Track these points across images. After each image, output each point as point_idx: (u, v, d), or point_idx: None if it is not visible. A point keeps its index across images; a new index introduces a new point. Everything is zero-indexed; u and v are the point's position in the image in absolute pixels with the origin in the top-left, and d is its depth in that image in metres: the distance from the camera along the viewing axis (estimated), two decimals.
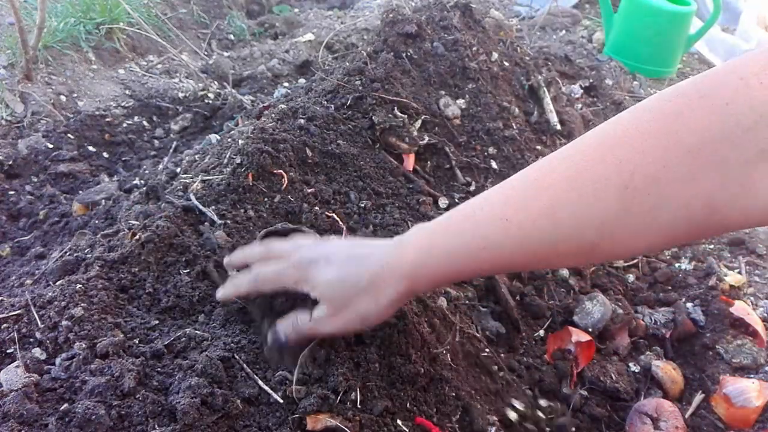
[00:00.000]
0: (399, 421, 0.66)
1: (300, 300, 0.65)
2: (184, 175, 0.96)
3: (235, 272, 0.71)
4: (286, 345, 0.65)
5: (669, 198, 0.46)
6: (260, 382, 0.64)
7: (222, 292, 0.69)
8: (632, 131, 0.48)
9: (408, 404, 0.68)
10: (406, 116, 1.12)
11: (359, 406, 0.64)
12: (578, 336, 0.96)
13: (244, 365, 0.65)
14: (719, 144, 0.44)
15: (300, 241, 0.68)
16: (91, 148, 1.40)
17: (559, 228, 0.50)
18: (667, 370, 0.97)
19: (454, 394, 0.73)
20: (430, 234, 0.58)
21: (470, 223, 0.55)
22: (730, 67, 0.46)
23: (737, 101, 0.43)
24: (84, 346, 0.63)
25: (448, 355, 0.77)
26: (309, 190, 0.95)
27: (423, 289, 0.69)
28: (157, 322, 0.72)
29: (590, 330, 0.99)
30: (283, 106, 1.10)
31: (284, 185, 0.92)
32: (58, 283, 0.73)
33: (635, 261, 1.21)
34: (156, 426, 0.57)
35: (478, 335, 0.89)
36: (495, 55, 1.35)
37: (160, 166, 1.20)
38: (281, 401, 0.62)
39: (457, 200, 1.13)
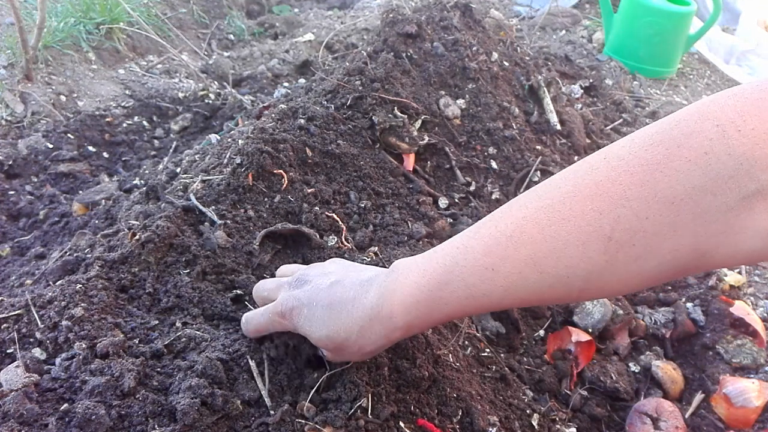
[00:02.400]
0: (402, 424, 0.66)
1: None
2: (184, 175, 0.96)
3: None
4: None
5: (653, 248, 0.46)
6: (264, 391, 0.64)
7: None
8: (609, 183, 0.47)
9: (412, 407, 0.68)
10: (406, 116, 1.12)
11: (370, 416, 0.64)
12: (578, 336, 0.96)
13: (252, 364, 0.65)
14: (701, 194, 0.43)
15: (282, 280, 0.68)
16: (91, 148, 1.40)
17: (544, 277, 0.50)
18: (667, 370, 0.97)
19: (455, 395, 0.73)
20: (414, 286, 0.57)
21: (454, 274, 0.54)
22: (704, 111, 0.45)
23: (715, 150, 0.43)
24: (84, 346, 0.63)
25: (450, 355, 0.77)
26: (309, 190, 0.95)
27: (418, 333, 0.72)
28: (157, 322, 0.72)
29: (590, 330, 0.99)
30: (283, 106, 1.10)
31: (284, 185, 0.92)
32: (58, 283, 0.73)
33: None
34: (156, 426, 0.57)
35: (478, 335, 0.89)
36: (495, 55, 1.35)
37: (160, 166, 1.20)
38: (271, 412, 0.62)
39: (457, 200, 1.13)
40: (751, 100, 0.43)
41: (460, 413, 0.72)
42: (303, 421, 0.61)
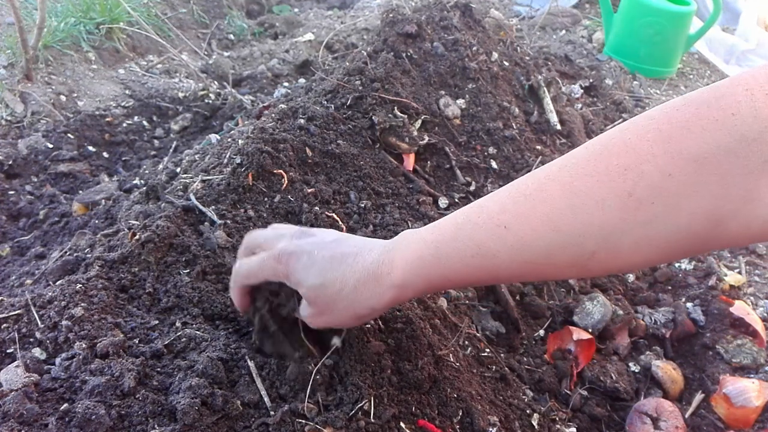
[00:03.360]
0: (402, 424, 0.66)
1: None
2: (184, 175, 0.96)
3: None
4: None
5: (672, 208, 0.46)
6: (263, 393, 0.63)
7: (232, 300, 0.68)
8: (637, 139, 0.47)
9: (413, 408, 0.68)
10: (406, 116, 1.12)
11: (372, 419, 0.64)
12: (578, 335, 0.96)
13: (251, 364, 0.65)
14: (724, 154, 0.44)
15: (281, 230, 0.65)
16: (91, 148, 1.40)
17: (559, 235, 0.49)
18: (667, 370, 0.97)
19: (455, 396, 0.73)
20: (421, 242, 0.56)
21: (464, 230, 0.54)
22: (737, 78, 0.46)
23: (742, 112, 0.43)
24: (84, 346, 0.63)
25: (450, 356, 0.77)
26: (309, 190, 0.95)
27: (410, 297, 0.67)
28: (157, 322, 0.72)
29: (590, 330, 0.99)
30: (283, 106, 1.10)
31: (284, 185, 0.92)
32: (58, 283, 0.73)
33: None
34: (156, 426, 0.57)
35: (478, 335, 0.89)
36: (495, 55, 1.35)
37: (160, 166, 1.20)
38: (272, 413, 0.61)
39: (457, 200, 1.13)
40: None
41: (461, 413, 0.72)
42: (303, 421, 0.61)
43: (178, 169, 1.05)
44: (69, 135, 1.40)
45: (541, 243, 0.50)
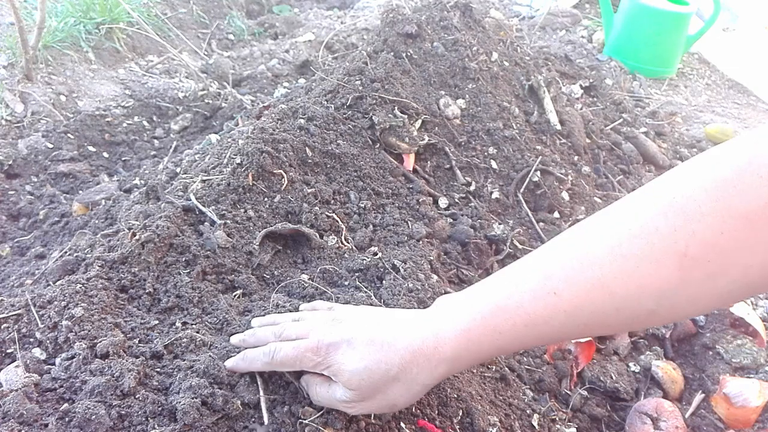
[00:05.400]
0: (403, 425, 0.66)
1: None
2: (184, 175, 0.96)
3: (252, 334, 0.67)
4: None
5: (728, 264, 0.47)
6: (263, 402, 0.63)
7: (232, 364, 0.63)
8: (683, 199, 0.47)
9: (413, 408, 0.68)
10: (406, 116, 1.12)
11: (372, 420, 0.64)
12: None
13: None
14: None
15: (313, 321, 0.63)
16: (91, 148, 1.40)
17: (613, 298, 0.49)
18: (667, 370, 0.97)
19: (455, 396, 0.73)
20: (466, 315, 0.55)
21: (512, 299, 0.52)
22: (761, 133, 0.47)
23: None
24: (84, 346, 0.63)
25: None
26: (309, 190, 0.95)
27: (464, 368, 0.67)
28: (157, 322, 0.72)
29: None
30: (283, 106, 1.10)
31: (284, 185, 0.92)
32: (58, 283, 0.73)
33: None
34: (156, 426, 0.57)
35: None
36: (495, 55, 1.35)
37: (160, 166, 1.20)
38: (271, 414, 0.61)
39: (457, 200, 1.13)
40: None
41: (461, 413, 0.72)
42: (304, 420, 0.61)
43: (178, 169, 1.05)
44: (69, 135, 1.40)
45: (594, 307, 0.50)
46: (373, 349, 0.56)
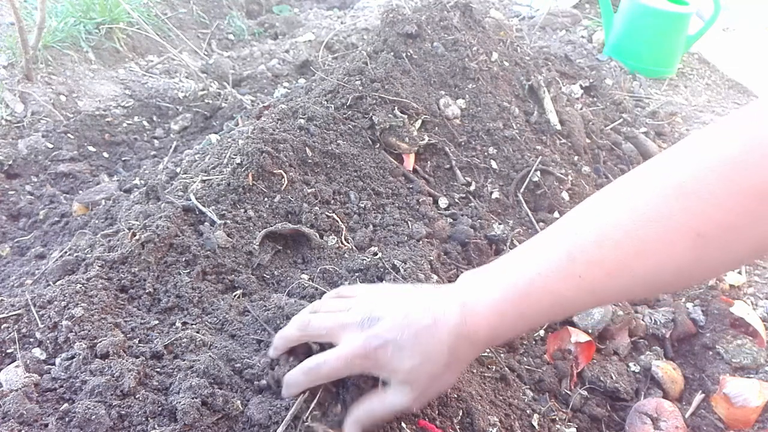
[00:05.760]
0: (403, 424, 0.66)
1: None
2: (184, 175, 0.96)
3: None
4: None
5: (741, 239, 0.49)
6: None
7: (284, 392, 0.62)
8: (693, 180, 0.49)
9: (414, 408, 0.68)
10: (406, 116, 1.12)
11: None
12: (578, 336, 0.96)
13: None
14: None
15: (342, 319, 0.62)
16: (91, 148, 1.40)
17: (635, 279, 0.52)
18: (667, 370, 0.97)
19: (456, 396, 0.73)
20: (497, 298, 0.57)
21: (537, 284, 0.55)
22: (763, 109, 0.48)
23: None
24: (84, 346, 0.63)
25: None
26: (309, 190, 0.95)
27: (499, 343, 0.72)
28: (157, 322, 0.72)
29: (590, 331, 0.99)
30: (283, 106, 1.10)
31: (284, 185, 0.92)
32: (58, 283, 0.73)
33: None
34: (156, 426, 0.57)
35: None
36: (495, 55, 1.35)
37: (160, 166, 1.20)
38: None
39: (456, 200, 1.13)
40: None
41: (461, 413, 0.72)
42: (306, 423, 0.61)
43: (178, 169, 1.05)
44: (69, 135, 1.40)
45: (617, 285, 0.53)
46: (420, 342, 0.57)
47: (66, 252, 0.86)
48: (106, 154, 1.40)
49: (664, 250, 0.50)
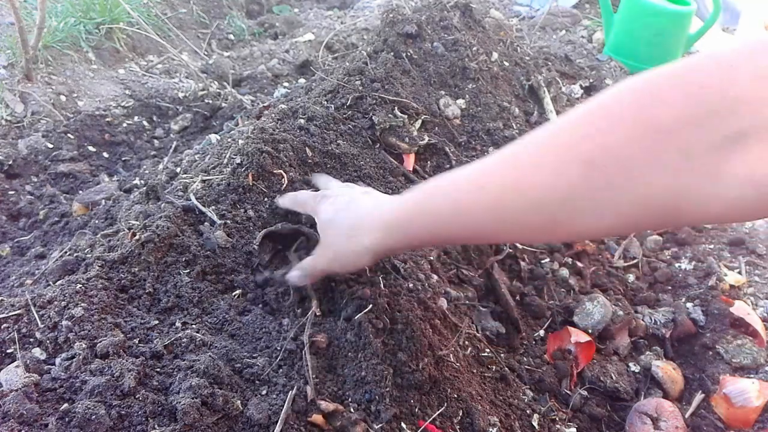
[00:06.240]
0: (403, 425, 0.66)
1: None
2: (184, 175, 0.96)
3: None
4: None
5: (631, 178, 0.46)
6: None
7: (281, 201, 0.87)
8: (599, 108, 0.49)
9: (415, 408, 0.68)
10: (406, 116, 1.12)
11: (371, 417, 0.64)
12: (578, 336, 0.96)
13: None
14: (686, 126, 0.43)
15: (331, 183, 0.85)
16: (91, 148, 1.40)
17: (524, 199, 0.52)
18: (667, 370, 0.97)
19: (456, 396, 0.73)
20: (410, 193, 0.64)
21: (445, 188, 0.60)
22: (709, 53, 0.46)
23: (710, 85, 0.43)
24: (84, 346, 0.63)
25: (450, 356, 0.77)
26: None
27: (396, 246, 0.71)
28: (157, 322, 0.72)
29: (590, 331, 0.99)
30: (283, 106, 1.10)
31: (284, 185, 0.92)
32: (58, 283, 0.73)
33: (635, 261, 1.21)
34: (156, 426, 0.57)
35: (478, 335, 0.89)
36: (495, 55, 1.35)
37: (160, 166, 1.20)
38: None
39: None
40: (752, 45, 0.44)
41: (461, 413, 0.72)
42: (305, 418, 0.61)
43: (178, 169, 1.05)
44: (69, 135, 1.40)
45: (511, 205, 0.54)
46: (343, 207, 0.72)
47: (66, 252, 0.86)
48: (106, 154, 1.40)
49: (555, 172, 0.50)
